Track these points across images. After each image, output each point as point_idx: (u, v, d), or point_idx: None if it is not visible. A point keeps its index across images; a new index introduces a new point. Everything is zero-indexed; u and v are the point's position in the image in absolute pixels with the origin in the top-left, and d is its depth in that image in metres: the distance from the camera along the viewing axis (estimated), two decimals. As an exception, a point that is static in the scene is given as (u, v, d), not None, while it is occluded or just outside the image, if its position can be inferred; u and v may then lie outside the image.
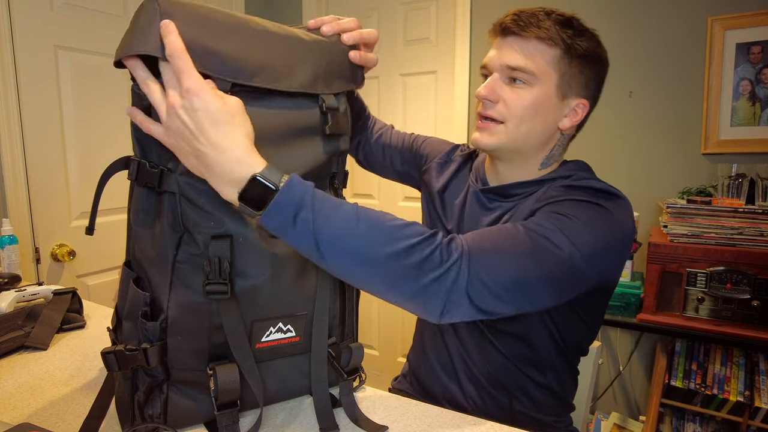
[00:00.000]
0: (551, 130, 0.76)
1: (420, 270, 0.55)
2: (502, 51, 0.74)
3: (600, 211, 0.67)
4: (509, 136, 0.74)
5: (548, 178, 0.77)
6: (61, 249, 1.62)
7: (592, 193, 0.70)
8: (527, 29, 0.71)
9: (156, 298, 0.56)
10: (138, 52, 0.50)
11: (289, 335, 0.61)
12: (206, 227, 0.55)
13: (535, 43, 0.72)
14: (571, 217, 0.64)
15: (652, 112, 1.73)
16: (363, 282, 0.57)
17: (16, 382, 0.72)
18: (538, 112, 0.73)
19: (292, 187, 0.52)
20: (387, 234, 0.55)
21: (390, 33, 2.24)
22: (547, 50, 0.72)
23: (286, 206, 0.51)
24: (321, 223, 0.53)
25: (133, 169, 0.57)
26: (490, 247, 0.60)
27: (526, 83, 0.73)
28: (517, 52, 0.72)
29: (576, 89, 0.75)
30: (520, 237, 0.62)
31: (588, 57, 0.73)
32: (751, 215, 1.36)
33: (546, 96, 0.73)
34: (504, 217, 0.77)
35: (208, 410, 0.58)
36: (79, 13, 1.63)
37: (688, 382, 1.49)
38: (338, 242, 0.53)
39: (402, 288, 0.56)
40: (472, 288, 0.57)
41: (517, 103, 0.73)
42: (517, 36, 0.73)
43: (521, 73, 0.72)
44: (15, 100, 1.48)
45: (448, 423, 0.63)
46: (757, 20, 1.53)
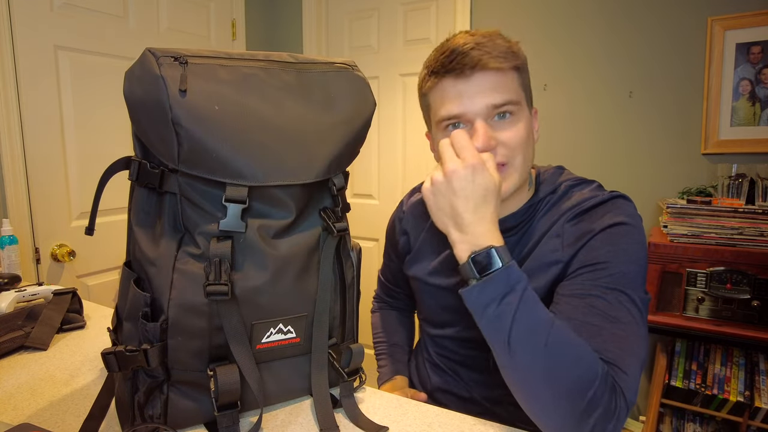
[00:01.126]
0: (534, 147, 0.74)
1: (590, 413, 0.53)
2: (475, 92, 0.67)
3: (630, 233, 0.66)
4: (519, 173, 0.70)
5: (536, 201, 0.75)
6: (61, 249, 1.62)
7: (607, 210, 0.69)
8: (503, 60, 0.66)
9: (156, 299, 0.56)
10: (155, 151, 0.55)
11: (289, 336, 0.61)
12: (207, 228, 0.55)
13: (505, 72, 0.68)
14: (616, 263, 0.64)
15: (652, 112, 1.73)
16: (532, 378, 0.55)
17: (16, 382, 0.72)
18: (529, 137, 0.71)
19: (512, 271, 0.57)
20: (574, 363, 0.54)
21: (390, 33, 2.24)
22: (513, 73, 0.69)
23: (500, 282, 0.57)
24: (522, 311, 0.56)
25: (134, 169, 0.57)
26: (635, 370, 0.58)
27: (513, 114, 0.69)
28: (497, 89, 0.67)
29: (531, 97, 0.75)
30: (631, 325, 0.60)
31: (526, 63, 0.72)
32: (751, 215, 1.37)
33: (527, 118, 0.71)
34: (515, 255, 0.73)
35: (208, 411, 0.58)
36: (79, 13, 1.63)
37: (688, 382, 1.49)
38: (530, 337, 0.55)
39: (564, 409, 0.54)
40: (624, 411, 0.56)
41: (516, 138, 0.68)
42: (490, 70, 0.66)
43: (510, 106, 0.68)
44: (15, 100, 1.48)
45: (448, 423, 0.63)
46: (757, 20, 1.53)
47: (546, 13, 1.87)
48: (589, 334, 0.59)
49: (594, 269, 0.64)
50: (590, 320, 0.60)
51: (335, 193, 0.62)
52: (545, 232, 0.72)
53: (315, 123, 0.59)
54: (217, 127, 0.53)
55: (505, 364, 0.58)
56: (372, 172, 2.37)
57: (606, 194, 0.71)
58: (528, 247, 0.73)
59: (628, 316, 0.60)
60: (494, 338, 0.58)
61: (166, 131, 0.52)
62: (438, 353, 0.88)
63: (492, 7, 1.97)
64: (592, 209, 0.70)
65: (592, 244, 0.66)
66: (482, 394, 0.81)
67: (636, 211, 0.70)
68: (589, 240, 0.67)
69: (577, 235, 0.68)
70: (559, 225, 0.71)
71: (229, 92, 0.54)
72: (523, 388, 0.57)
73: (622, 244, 0.65)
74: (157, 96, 0.51)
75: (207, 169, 0.53)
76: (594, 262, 0.64)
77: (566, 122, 1.88)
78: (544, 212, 0.74)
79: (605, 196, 0.71)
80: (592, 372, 0.54)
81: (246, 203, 0.55)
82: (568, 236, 0.69)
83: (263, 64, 0.58)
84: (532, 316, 0.56)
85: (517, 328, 0.55)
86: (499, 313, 0.56)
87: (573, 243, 0.68)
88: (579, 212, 0.70)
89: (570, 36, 1.83)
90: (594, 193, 0.72)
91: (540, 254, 0.71)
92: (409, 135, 2.25)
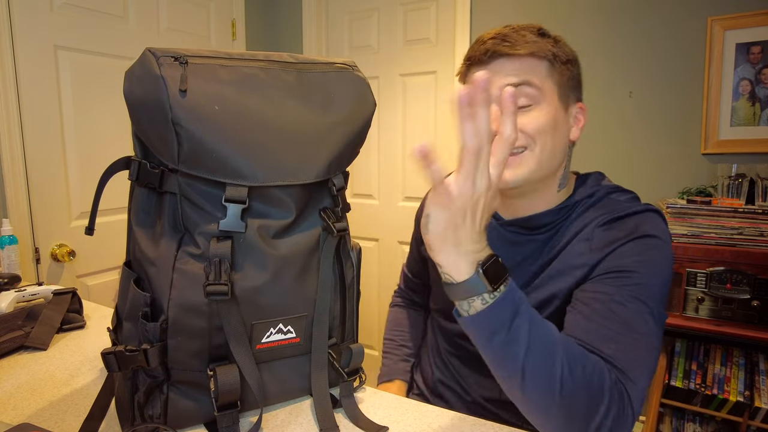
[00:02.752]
0: (565, 145, 0.73)
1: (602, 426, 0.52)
2: (494, 78, 0.68)
3: (659, 248, 0.65)
4: (537, 161, 0.69)
5: (572, 203, 0.74)
6: (61, 249, 1.62)
7: (640, 222, 0.68)
8: (517, 47, 0.67)
9: (156, 299, 0.56)
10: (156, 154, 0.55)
11: (289, 336, 0.61)
12: (207, 228, 0.55)
13: (529, 59, 0.68)
14: (640, 274, 0.63)
15: (652, 112, 1.73)
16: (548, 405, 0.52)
17: (16, 382, 0.72)
18: (554, 129, 0.69)
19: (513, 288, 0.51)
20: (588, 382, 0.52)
21: (390, 33, 2.24)
22: (540, 63, 0.69)
23: (507, 302, 0.50)
24: (535, 336, 0.51)
25: (134, 169, 0.57)
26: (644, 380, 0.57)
27: (534, 103, 0.68)
28: (514, 71, 0.68)
29: (572, 95, 0.73)
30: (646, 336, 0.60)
31: (570, 60, 0.72)
32: (751, 215, 1.37)
33: (555, 110, 0.70)
34: (541, 255, 0.73)
35: (208, 411, 0.58)
36: (79, 13, 1.63)
37: (688, 382, 1.49)
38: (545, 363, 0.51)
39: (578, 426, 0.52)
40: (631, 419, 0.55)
41: (534, 125, 0.68)
42: (508, 57, 0.68)
43: (526, 89, 0.67)
44: (15, 100, 1.48)
45: (448, 423, 0.63)
46: (757, 20, 1.53)
47: (546, 13, 1.87)
48: (604, 339, 0.58)
49: (619, 276, 0.63)
50: (608, 325, 0.59)
51: (335, 193, 0.62)
52: (575, 235, 0.71)
53: (315, 123, 0.59)
54: (217, 127, 0.53)
55: (517, 394, 0.53)
56: (372, 172, 2.37)
57: (641, 206, 0.70)
58: (557, 249, 0.72)
59: (645, 327, 0.60)
60: (505, 369, 0.52)
61: (166, 131, 0.52)
62: (447, 350, 0.87)
63: (492, 7, 1.97)
64: (625, 218, 0.69)
65: (622, 251, 0.65)
66: (484, 395, 0.81)
67: (667, 227, 0.69)
68: (618, 247, 0.66)
69: (606, 241, 0.67)
70: (589, 229, 0.70)
71: (229, 92, 0.54)
72: (537, 414, 0.53)
73: (650, 256, 0.64)
74: (157, 96, 0.51)
75: (207, 169, 0.53)
76: (621, 270, 0.63)
77: (566, 122, 1.88)
78: (578, 214, 0.73)
79: (640, 207, 0.69)
80: (604, 385, 0.53)
81: (246, 203, 0.55)
82: (597, 241, 0.68)
83: (263, 64, 0.58)
84: (545, 341, 0.51)
85: (533, 355, 0.50)
86: (510, 339, 0.50)
87: (601, 248, 0.67)
88: (611, 219, 0.69)
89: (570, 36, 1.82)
90: (630, 203, 0.71)
91: (567, 257, 0.70)
92: (409, 135, 2.25)
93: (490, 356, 0.53)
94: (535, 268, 0.74)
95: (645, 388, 0.58)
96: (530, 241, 0.75)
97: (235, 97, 0.55)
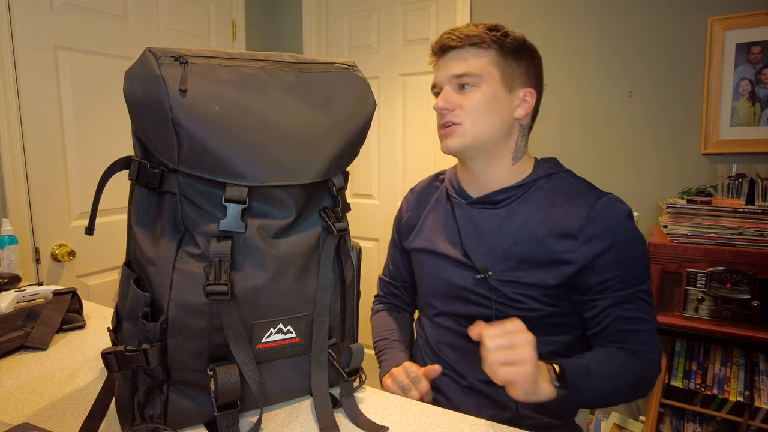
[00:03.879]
0: (509, 122, 0.84)
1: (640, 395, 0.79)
2: (445, 66, 0.84)
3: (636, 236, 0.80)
4: (470, 133, 0.82)
5: (530, 180, 0.85)
6: (61, 249, 1.62)
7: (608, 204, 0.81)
8: (460, 40, 0.81)
9: (156, 299, 0.56)
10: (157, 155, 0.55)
11: (289, 336, 0.61)
12: (207, 228, 0.55)
13: (471, 48, 0.82)
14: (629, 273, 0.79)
15: (652, 112, 1.73)
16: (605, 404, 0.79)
17: (16, 382, 0.72)
18: (491, 105, 0.82)
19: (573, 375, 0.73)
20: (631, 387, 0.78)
21: (390, 33, 2.24)
22: (484, 53, 0.82)
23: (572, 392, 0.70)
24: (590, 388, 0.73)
25: (134, 169, 0.57)
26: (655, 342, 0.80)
27: (474, 85, 0.82)
28: (458, 61, 0.82)
29: (519, 81, 0.84)
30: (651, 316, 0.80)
31: (520, 50, 0.83)
32: (751, 215, 1.36)
33: (494, 91, 0.82)
34: (506, 227, 0.83)
35: (208, 410, 0.58)
36: (79, 13, 1.63)
37: (688, 382, 1.49)
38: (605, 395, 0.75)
39: None
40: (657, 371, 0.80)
41: (471, 103, 0.82)
42: (455, 49, 0.83)
43: (467, 77, 0.81)
44: (15, 100, 1.48)
45: (448, 423, 0.63)
46: (757, 20, 1.53)
47: (546, 13, 1.87)
48: (630, 336, 0.79)
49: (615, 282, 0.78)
50: (628, 327, 0.79)
51: (335, 193, 0.62)
52: (536, 213, 0.82)
53: (315, 123, 0.59)
54: (217, 128, 0.53)
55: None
56: (372, 172, 2.37)
57: (600, 192, 0.83)
58: (517, 221, 0.82)
59: (646, 307, 0.79)
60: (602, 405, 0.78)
61: (166, 131, 0.52)
62: (437, 340, 0.90)
63: (492, 7, 1.97)
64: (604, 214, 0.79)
65: (609, 258, 0.78)
66: (479, 377, 0.83)
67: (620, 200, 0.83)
68: (605, 251, 0.78)
69: (590, 235, 0.78)
70: (572, 225, 0.79)
71: (229, 92, 0.54)
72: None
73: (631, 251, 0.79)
74: (157, 96, 0.51)
75: (207, 169, 0.53)
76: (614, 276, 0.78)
77: (566, 122, 1.88)
78: (536, 191, 0.84)
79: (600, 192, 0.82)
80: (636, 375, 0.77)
81: (246, 203, 0.55)
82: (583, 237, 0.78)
83: (263, 64, 0.58)
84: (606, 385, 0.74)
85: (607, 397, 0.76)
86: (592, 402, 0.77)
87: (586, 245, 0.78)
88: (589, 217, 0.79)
89: (569, 35, 1.83)
90: (589, 188, 0.84)
91: (549, 248, 0.79)
92: (409, 135, 2.25)
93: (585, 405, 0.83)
94: (506, 244, 0.83)
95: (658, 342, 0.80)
96: (494, 216, 0.85)
97: (235, 97, 0.55)
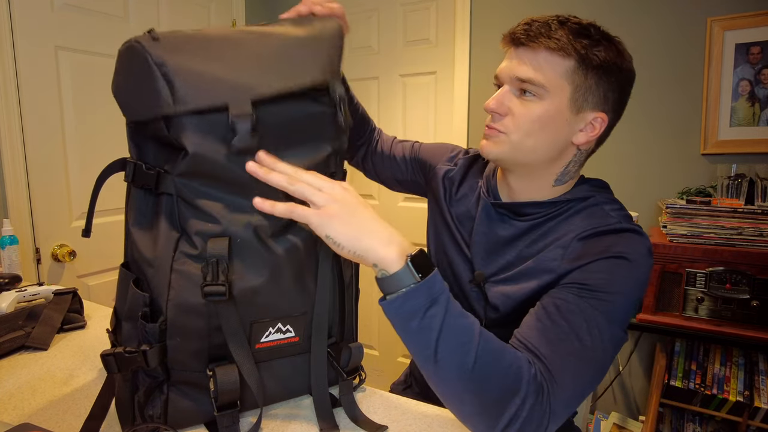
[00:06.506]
0: (562, 145, 0.72)
1: (518, 414, 0.54)
2: (512, 62, 0.71)
3: (629, 269, 0.65)
4: (512, 148, 0.72)
5: (563, 200, 0.74)
6: (61, 249, 1.62)
7: (616, 241, 0.67)
8: (536, 40, 0.68)
9: (155, 300, 0.56)
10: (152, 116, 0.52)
11: (288, 335, 0.62)
12: (204, 228, 0.55)
13: (545, 54, 0.68)
14: (604, 292, 0.63)
15: (652, 112, 1.73)
16: (460, 390, 0.55)
17: (17, 382, 0.72)
18: (547, 126, 0.70)
19: (436, 280, 0.55)
20: (503, 373, 0.55)
21: (390, 34, 2.24)
22: (560, 61, 0.68)
23: (422, 293, 0.54)
24: (448, 325, 0.54)
25: (130, 170, 0.57)
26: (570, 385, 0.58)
27: (537, 96, 0.69)
28: (526, 64, 0.69)
29: (593, 102, 0.70)
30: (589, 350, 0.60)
31: (606, 68, 0.68)
32: (751, 215, 1.37)
33: (557, 110, 0.69)
34: (520, 242, 0.75)
35: (208, 410, 0.59)
36: (79, 13, 1.63)
37: (687, 382, 1.49)
38: (457, 351, 0.54)
39: (490, 416, 0.55)
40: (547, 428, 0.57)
41: (525, 116, 0.70)
42: (526, 47, 0.69)
43: (531, 86, 0.69)
44: (15, 100, 1.48)
45: (448, 423, 0.63)
46: (756, 20, 1.53)
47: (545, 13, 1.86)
48: (546, 340, 0.60)
49: (582, 288, 0.64)
50: (553, 329, 0.61)
51: (337, 100, 0.62)
52: (556, 240, 0.71)
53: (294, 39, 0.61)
54: (203, 52, 0.53)
55: (431, 377, 0.56)
56: (372, 173, 2.37)
57: (624, 225, 0.69)
58: (537, 247, 0.73)
59: (590, 340, 0.60)
60: (418, 353, 0.56)
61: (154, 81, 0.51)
62: None
63: (492, 7, 1.97)
64: (604, 235, 0.69)
65: (590, 268, 0.66)
66: None
67: (647, 249, 0.68)
68: (588, 263, 0.66)
69: (578, 254, 0.68)
70: (568, 238, 0.70)
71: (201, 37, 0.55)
72: (451, 399, 0.56)
73: (617, 276, 0.65)
74: (136, 55, 0.51)
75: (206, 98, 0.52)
76: (584, 284, 0.64)
77: (566, 122, 1.88)
78: (565, 218, 0.74)
79: (623, 225, 0.69)
80: (521, 377, 0.55)
81: (253, 115, 0.54)
82: (571, 252, 0.69)
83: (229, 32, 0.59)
84: (460, 331, 0.54)
85: (445, 343, 0.54)
86: (423, 326, 0.54)
87: (573, 260, 0.68)
88: (591, 234, 0.69)
89: (569, 36, 1.83)
90: (617, 219, 0.71)
91: (542, 259, 0.71)
92: (409, 135, 2.25)
93: (407, 341, 0.56)
94: (511, 257, 0.75)
95: (571, 397, 0.58)
96: (512, 227, 0.77)
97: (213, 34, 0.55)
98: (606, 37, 0.70)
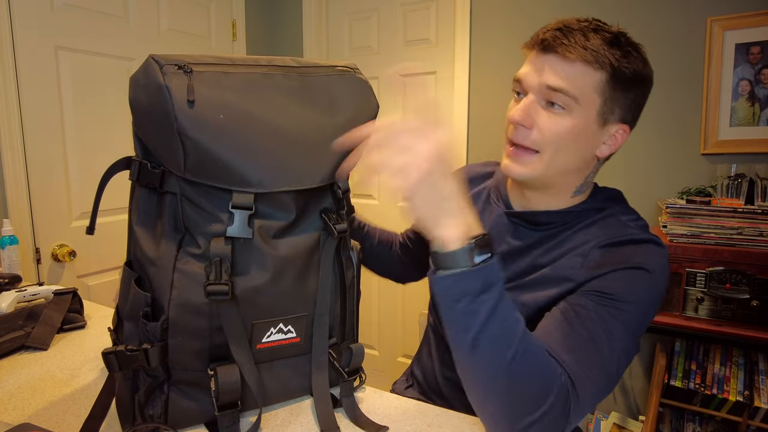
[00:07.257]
0: (588, 159, 0.70)
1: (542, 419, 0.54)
2: (541, 70, 0.66)
3: (649, 281, 0.64)
4: (544, 166, 0.68)
5: (578, 209, 0.73)
6: (61, 249, 1.62)
7: (635, 251, 0.67)
8: (573, 50, 0.64)
9: (157, 299, 0.56)
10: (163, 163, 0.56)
11: (289, 336, 0.62)
12: (207, 228, 0.55)
13: (581, 65, 0.64)
14: (623, 302, 0.63)
15: (651, 112, 1.73)
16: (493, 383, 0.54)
17: (17, 382, 0.72)
18: (576, 140, 0.67)
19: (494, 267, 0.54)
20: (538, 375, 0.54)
21: (390, 33, 2.24)
22: (593, 73, 0.64)
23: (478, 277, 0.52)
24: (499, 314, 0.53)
25: (135, 169, 0.57)
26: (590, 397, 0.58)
27: (566, 108, 0.65)
28: (558, 73, 0.65)
29: (618, 114, 0.68)
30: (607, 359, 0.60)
31: (633, 80, 0.66)
32: (751, 215, 1.37)
33: (585, 123, 0.66)
34: (534, 250, 0.73)
35: (208, 410, 0.59)
36: (79, 13, 1.63)
37: (687, 381, 1.49)
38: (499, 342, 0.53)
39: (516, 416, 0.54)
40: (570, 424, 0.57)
41: (554, 130, 0.66)
42: (558, 55, 0.65)
43: (561, 96, 0.65)
44: (15, 100, 1.48)
45: (448, 423, 0.63)
46: (756, 20, 1.54)
47: (545, 13, 1.87)
48: (567, 348, 0.59)
49: (602, 297, 0.63)
50: (574, 336, 0.60)
51: (340, 196, 0.63)
52: (573, 249, 0.70)
53: (319, 127, 0.59)
54: (223, 136, 0.53)
55: (462, 360, 0.55)
56: (372, 173, 2.36)
57: (644, 235, 0.68)
58: (552, 255, 0.71)
59: (608, 350, 0.60)
60: (458, 335, 0.54)
61: (172, 141, 0.52)
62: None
63: (492, 7, 1.97)
64: (623, 245, 0.68)
65: (609, 277, 0.65)
66: None
67: (666, 260, 0.67)
68: (607, 272, 0.65)
69: (599, 262, 0.67)
70: (588, 246, 0.69)
71: (233, 99, 0.54)
72: (477, 388, 0.56)
73: (637, 288, 0.64)
74: (162, 106, 0.51)
75: (213, 177, 0.54)
76: (604, 292, 0.63)
77: (566, 122, 1.88)
78: (581, 227, 0.72)
79: (640, 236, 0.68)
80: (553, 382, 0.54)
81: (252, 209, 0.55)
82: (591, 260, 0.67)
83: (266, 69, 0.58)
84: (506, 324, 0.53)
85: (489, 331, 0.52)
86: (472, 310, 0.52)
87: (592, 268, 0.67)
88: (610, 243, 0.68)
89: (570, 36, 1.83)
90: (635, 230, 0.70)
91: (559, 267, 0.70)
92: (408, 135, 2.25)
93: (451, 321, 0.54)
94: (525, 265, 0.73)
95: (588, 405, 0.58)
96: (527, 236, 0.75)
97: (240, 104, 0.55)
98: (634, 46, 0.67)
